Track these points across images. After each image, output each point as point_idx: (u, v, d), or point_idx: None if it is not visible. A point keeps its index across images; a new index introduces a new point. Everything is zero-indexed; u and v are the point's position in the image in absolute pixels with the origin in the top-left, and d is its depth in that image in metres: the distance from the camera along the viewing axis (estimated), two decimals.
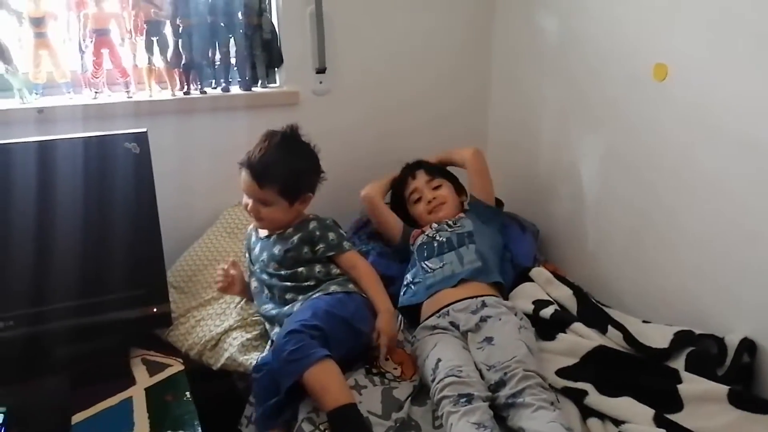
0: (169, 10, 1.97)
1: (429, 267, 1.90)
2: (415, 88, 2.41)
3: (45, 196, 1.57)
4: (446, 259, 1.89)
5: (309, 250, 1.79)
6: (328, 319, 1.58)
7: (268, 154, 1.77)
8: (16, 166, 1.55)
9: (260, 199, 1.78)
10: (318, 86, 2.24)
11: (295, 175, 1.79)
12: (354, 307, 1.69)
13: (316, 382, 1.45)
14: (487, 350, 1.59)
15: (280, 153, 1.77)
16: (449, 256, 1.90)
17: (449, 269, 1.86)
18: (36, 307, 1.62)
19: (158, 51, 2.01)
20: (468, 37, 2.44)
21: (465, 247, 1.91)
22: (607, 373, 1.56)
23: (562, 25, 2.13)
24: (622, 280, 1.99)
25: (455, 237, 1.94)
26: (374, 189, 2.15)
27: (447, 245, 1.93)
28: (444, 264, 1.88)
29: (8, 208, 1.55)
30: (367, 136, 2.36)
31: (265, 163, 1.76)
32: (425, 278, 1.88)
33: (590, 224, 2.11)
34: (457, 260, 1.88)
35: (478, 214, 2.05)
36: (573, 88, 2.10)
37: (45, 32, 1.88)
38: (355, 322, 1.66)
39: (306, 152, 1.84)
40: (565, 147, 2.18)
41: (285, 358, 1.47)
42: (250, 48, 2.11)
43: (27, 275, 1.59)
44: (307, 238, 1.79)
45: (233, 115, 2.13)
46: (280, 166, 1.76)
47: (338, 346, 1.55)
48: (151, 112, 2.00)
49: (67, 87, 1.96)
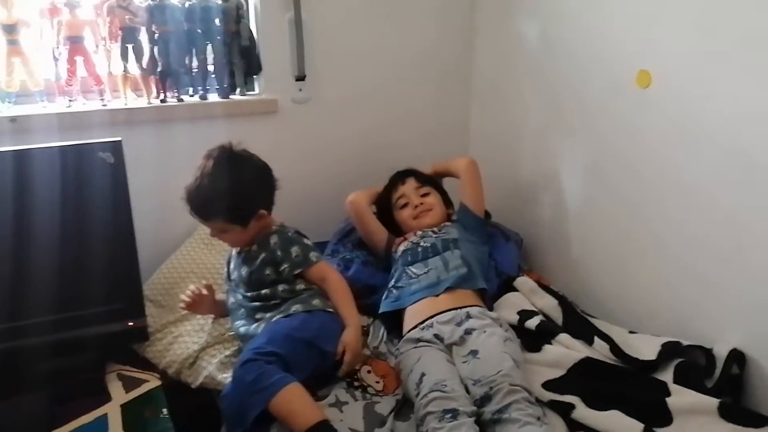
0: (145, 17, 1.94)
1: (413, 272, 1.88)
2: (396, 94, 2.39)
3: (16, 207, 1.52)
4: (431, 264, 1.87)
5: (272, 271, 1.73)
6: (286, 343, 1.53)
7: (203, 186, 1.67)
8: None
9: (213, 228, 1.74)
10: (297, 94, 2.22)
11: (237, 200, 1.69)
12: (317, 326, 1.63)
13: (282, 410, 1.42)
14: (472, 364, 1.56)
15: (216, 181, 1.67)
16: (434, 261, 1.88)
17: (434, 275, 1.84)
18: (8, 322, 1.57)
19: (134, 58, 1.97)
20: (449, 44, 2.43)
21: (450, 252, 1.89)
22: (595, 385, 1.54)
23: (543, 33, 2.12)
24: (607, 288, 1.98)
25: (440, 242, 1.93)
26: (360, 195, 2.13)
27: (431, 250, 1.91)
28: (429, 269, 1.86)
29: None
30: (347, 144, 2.34)
31: (202, 197, 1.67)
32: (409, 283, 1.86)
33: (574, 232, 2.09)
34: (442, 265, 1.86)
35: (465, 223, 2.03)
36: (555, 97, 2.09)
37: (17, 40, 1.84)
38: (320, 342, 1.60)
39: (246, 171, 1.73)
40: (547, 156, 2.17)
41: (246, 390, 1.44)
42: (228, 55, 2.09)
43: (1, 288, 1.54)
44: (269, 260, 1.73)
45: (211, 123, 2.10)
46: (217, 197, 1.67)
47: (301, 368, 1.51)
48: (126, 120, 1.96)
49: (41, 95, 1.92)
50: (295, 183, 2.25)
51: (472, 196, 2.07)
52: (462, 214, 2.07)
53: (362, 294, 1.95)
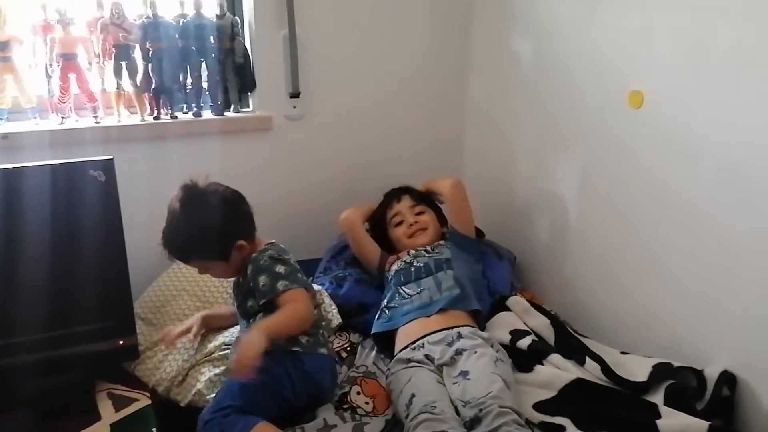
0: (139, 34, 1.95)
1: (406, 293, 1.87)
2: (390, 112, 2.39)
3: (7, 225, 1.52)
4: (423, 285, 1.86)
5: (254, 302, 1.66)
6: (243, 394, 1.49)
7: (174, 230, 1.65)
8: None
9: (197, 267, 1.72)
10: (291, 111, 2.22)
11: (210, 238, 1.64)
12: (281, 371, 1.56)
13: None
14: (462, 385, 1.55)
15: (186, 223, 1.63)
16: (427, 281, 1.87)
17: (427, 295, 1.84)
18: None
19: (127, 75, 1.97)
20: (444, 59, 2.43)
21: (443, 272, 1.88)
22: (586, 407, 1.53)
23: (538, 52, 2.12)
24: (599, 306, 1.97)
25: (433, 262, 1.92)
26: (354, 212, 2.13)
27: (424, 270, 1.91)
28: (422, 290, 1.86)
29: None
30: (341, 161, 2.34)
31: (176, 241, 1.64)
32: (402, 303, 1.85)
33: (567, 251, 2.09)
34: (434, 285, 1.85)
35: (457, 243, 2.02)
36: (550, 112, 2.10)
37: (10, 56, 1.85)
38: (280, 388, 1.55)
39: (213, 206, 1.65)
40: (541, 175, 2.17)
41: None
42: (222, 72, 2.09)
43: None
44: (247, 290, 1.68)
45: (205, 140, 2.10)
46: (190, 238, 1.63)
47: (265, 413, 1.48)
48: (119, 137, 1.96)
49: (33, 112, 1.92)
50: (289, 199, 2.28)
51: (460, 219, 2.07)
52: (452, 235, 2.07)
53: (355, 312, 1.95)
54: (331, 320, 1.91)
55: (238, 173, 2.14)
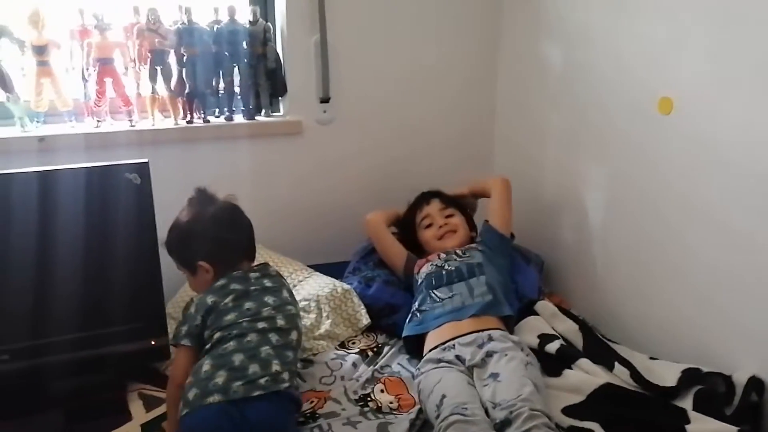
0: (174, 40, 1.98)
1: (438, 296, 1.87)
2: (419, 117, 2.41)
3: (44, 227, 1.56)
4: (456, 290, 1.86)
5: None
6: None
7: (172, 224, 1.68)
8: (16, 195, 1.54)
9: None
10: (322, 116, 2.24)
11: (181, 243, 1.66)
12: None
13: None
14: (492, 387, 1.55)
15: (177, 220, 1.68)
16: (459, 286, 1.87)
17: (459, 300, 1.83)
18: (32, 340, 1.60)
19: (162, 80, 2.01)
20: (473, 65, 2.44)
21: (475, 278, 1.88)
22: (614, 411, 1.52)
23: (567, 55, 2.13)
24: (628, 311, 1.96)
25: (465, 267, 1.92)
26: (378, 215, 2.14)
27: (456, 275, 1.90)
28: (453, 294, 1.85)
29: (7, 239, 1.53)
30: (370, 165, 2.36)
31: (168, 235, 1.68)
32: (433, 307, 1.85)
33: (596, 255, 2.09)
34: (467, 291, 1.85)
35: (489, 243, 2.02)
36: (578, 118, 2.10)
37: (47, 61, 1.88)
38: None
39: (201, 217, 1.65)
40: (570, 177, 2.17)
41: None
42: (254, 77, 2.12)
43: (24, 307, 1.57)
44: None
45: (236, 144, 2.13)
46: (171, 235, 1.67)
47: None
48: (153, 141, 1.99)
49: (69, 115, 1.96)
50: (318, 202, 2.30)
51: (501, 215, 2.09)
52: (486, 232, 2.07)
53: (383, 313, 1.97)
54: (360, 320, 1.93)
55: (268, 176, 2.19)
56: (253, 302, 1.57)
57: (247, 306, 1.56)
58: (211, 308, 1.55)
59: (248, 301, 1.57)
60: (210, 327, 1.53)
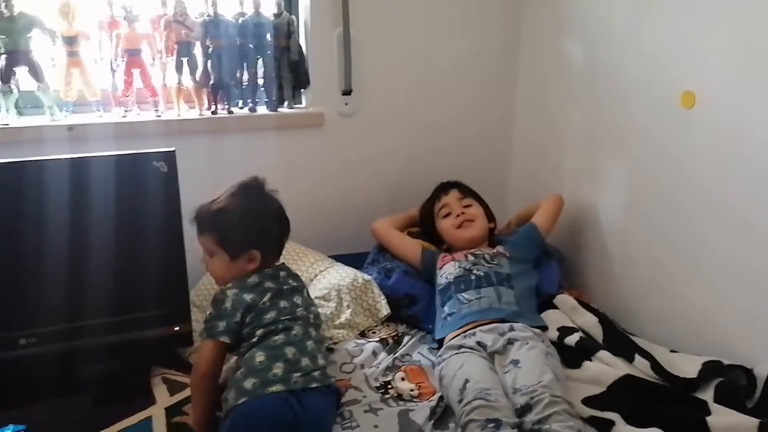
0: (200, 32, 2.00)
1: (465, 298, 1.87)
2: (440, 111, 2.42)
3: (72, 214, 1.58)
4: (483, 293, 1.86)
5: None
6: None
7: (218, 201, 1.62)
8: (48, 182, 1.57)
9: (204, 246, 1.63)
10: (344, 108, 2.26)
11: (238, 223, 1.59)
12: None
13: None
14: (513, 372, 1.56)
15: (232, 200, 1.61)
16: (487, 290, 1.87)
17: (486, 302, 1.84)
18: (58, 324, 1.62)
19: (188, 71, 2.03)
20: (494, 61, 2.45)
21: (504, 288, 1.88)
22: (635, 402, 1.52)
23: (589, 51, 2.13)
24: (648, 307, 1.96)
25: (494, 275, 1.91)
26: (382, 222, 2.18)
27: (485, 280, 1.90)
28: (481, 297, 1.86)
29: (39, 225, 1.56)
30: (391, 157, 2.38)
31: (212, 208, 1.61)
32: (460, 308, 1.85)
33: (615, 251, 2.09)
34: (495, 296, 1.85)
35: (528, 241, 2.04)
36: (599, 114, 2.10)
37: (77, 51, 1.91)
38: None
39: (266, 206, 1.64)
40: (590, 173, 2.18)
41: None
42: (277, 69, 2.14)
43: (51, 292, 1.60)
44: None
45: (259, 135, 2.15)
46: (224, 213, 1.59)
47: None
48: (179, 131, 2.02)
49: (97, 105, 1.99)
50: (339, 194, 2.32)
51: (547, 219, 2.11)
52: (530, 231, 2.07)
53: (403, 303, 1.98)
54: (380, 310, 1.95)
55: (290, 167, 2.22)
56: (286, 301, 1.59)
57: (282, 304, 1.57)
58: (251, 306, 1.54)
59: (282, 300, 1.58)
60: (249, 325, 1.53)
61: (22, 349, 1.58)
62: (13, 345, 1.57)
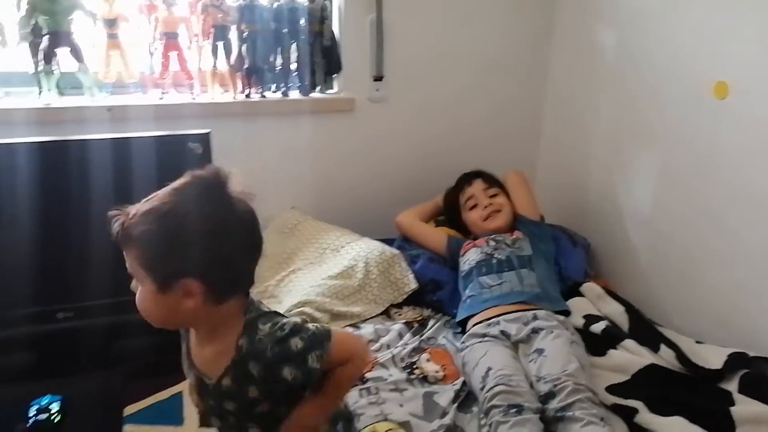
0: (236, 16, 2.03)
1: (487, 282, 1.89)
2: (469, 100, 2.42)
3: (110, 191, 1.61)
4: (505, 278, 1.88)
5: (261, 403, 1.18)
6: None
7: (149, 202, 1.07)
8: (87, 161, 1.62)
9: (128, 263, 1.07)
10: (374, 93, 2.28)
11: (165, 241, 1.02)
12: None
13: None
14: (538, 362, 1.58)
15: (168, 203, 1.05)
16: (509, 275, 1.88)
17: (508, 287, 1.85)
18: (95, 300, 1.67)
19: (223, 55, 2.06)
20: (526, 51, 2.45)
21: (526, 270, 1.89)
22: (659, 391, 1.54)
23: (620, 42, 2.12)
24: (675, 298, 1.96)
25: (516, 258, 1.92)
26: (405, 215, 2.19)
27: (507, 264, 1.91)
28: (503, 282, 1.87)
29: (77, 201, 1.61)
30: (419, 144, 2.39)
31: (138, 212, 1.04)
32: (481, 293, 1.87)
33: (643, 241, 2.09)
34: (517, 280, 1.87)
35: (529, 232, 2.03)
36: (629, 105, 2.09)
37: (117, 33, 1.96)
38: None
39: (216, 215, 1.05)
40: (618, 163, 2.17)
41: None
42: (310, 54, 2.16)
43: (89, 268, 1.64)
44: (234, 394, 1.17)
45: (291, 119, 2.19)
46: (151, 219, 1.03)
47: None
48: (213, 113, 2.06)
49: (135, 87, 2.03)
50: (367, 178, 2.34)
51: (522, 202, 2.12)
52: (521, 224, 2.07)
53: (428, 289, 2.00)
54: (407, 284, 1.98)
55: (320, 151, 2.26)
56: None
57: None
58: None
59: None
60: None
61: (60, 322, 1.63)
62: (52, 318, 1.63)
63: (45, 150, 1.60)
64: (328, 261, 2.02)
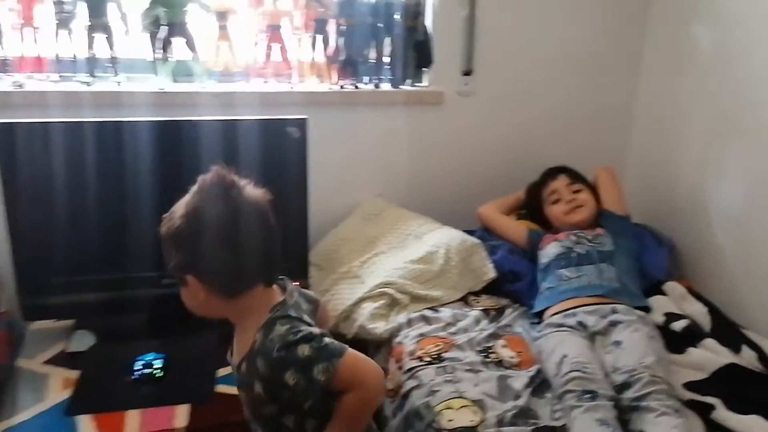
0: (335, 10, 2.13)
1: (565, 275, 1.91)
2: (558, 96, 2.44)
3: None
4: (584, 271, 1.89)
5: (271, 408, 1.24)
6: None
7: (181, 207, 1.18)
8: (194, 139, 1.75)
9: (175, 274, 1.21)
10: (463, 88, 2.33)
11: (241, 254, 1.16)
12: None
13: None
14: (615, 353, 1.59)
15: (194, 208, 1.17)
16: (588, 268, 1.90)
17: (586, 280, 1.87)
18: None
19: (321, 47, 2.16)
20: (618, 48, 2.44)
21: (606, 265, 1.90)
22: (738, 390, 1.53)
23: (722, 38, 2.08)
24: (760, 303, 1.92)
25: (596, 253, 1.93)
26: (487, 207, 2.23)
27: (586, 258, 1.92)
28: (581, 274, 1.89)
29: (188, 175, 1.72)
30: (506, 139, 2.42)
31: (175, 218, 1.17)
32: (559, 284, 1.90)
33: (732, 244, 2.05)
34: (596, 274, 1.88)
35: (612, 229, 2.03)
36: (727, 103, 2.06)
37: (226, 25, 2.08)
38: None
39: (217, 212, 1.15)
40: (710, 165, 2.14)
41: None
42: (403, 48, 2.24)
43: None
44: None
45: (382, 110, 2.27)
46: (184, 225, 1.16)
47: None
48: (310, 102, 2.15)
49: (240, 75, 2.16)
50: (453, 171, 2.40)
51: (611, 197, 2.11)
52: (605, 219, 2.07)
53: (506, 279, 2.04)
54: (486, 273, 2.03)
55: (409, 142, 2.33)
56: None
57: None
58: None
59: None
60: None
61: (165, 288, 1.75)
62: (157, 283, 1.76)
63: (160, 129, 1.75)
64: (410, 246, 2.09)
